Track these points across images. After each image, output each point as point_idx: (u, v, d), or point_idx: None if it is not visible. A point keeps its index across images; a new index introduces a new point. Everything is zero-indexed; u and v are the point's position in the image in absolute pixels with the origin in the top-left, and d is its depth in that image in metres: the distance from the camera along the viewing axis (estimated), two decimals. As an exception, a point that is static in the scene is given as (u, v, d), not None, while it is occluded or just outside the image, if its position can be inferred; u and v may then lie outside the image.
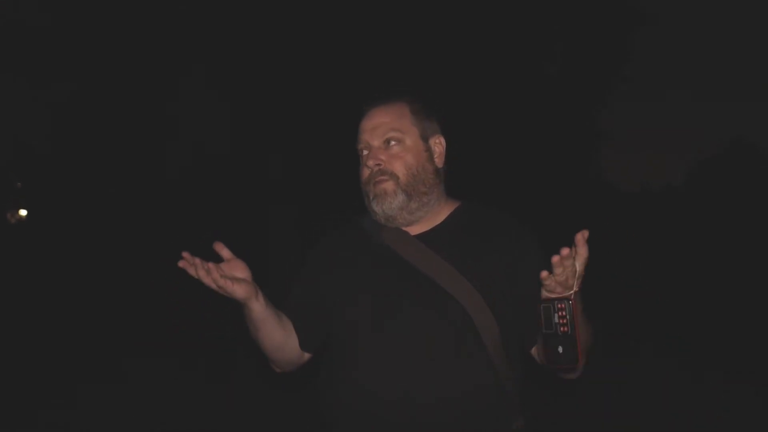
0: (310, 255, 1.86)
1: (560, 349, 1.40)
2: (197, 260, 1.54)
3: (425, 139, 1.76)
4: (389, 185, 1.70)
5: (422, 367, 1.56)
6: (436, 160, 1.77)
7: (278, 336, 1.72)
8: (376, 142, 1.72)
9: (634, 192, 27.75)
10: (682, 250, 18.95)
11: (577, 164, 15.03)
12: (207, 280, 1.54)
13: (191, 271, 1.54)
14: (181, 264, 1.53)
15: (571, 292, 1.41)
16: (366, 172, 1.74)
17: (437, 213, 1.75)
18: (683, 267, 15.85)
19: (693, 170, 29.76)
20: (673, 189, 29.34)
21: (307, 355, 1.82)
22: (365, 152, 1.75)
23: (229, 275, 1.57)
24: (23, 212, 16.64)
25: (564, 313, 1.39)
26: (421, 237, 1.72)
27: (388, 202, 1.69)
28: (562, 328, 1.39)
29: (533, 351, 1.68)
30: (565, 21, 13.91)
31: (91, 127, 12.08)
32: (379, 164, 1.71)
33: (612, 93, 15.47)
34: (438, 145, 1.79)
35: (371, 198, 1.72)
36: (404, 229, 1.73)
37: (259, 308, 1.63)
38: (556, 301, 1.40)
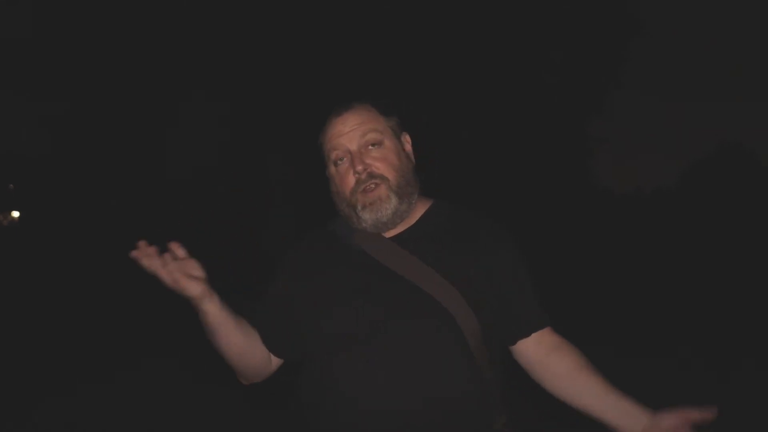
0: (282, 263, 1.76)
1: None
2: (152, 250, 1.48)
3: (398, 137, 1.70)
4: (382, 191, 1.61)
5: (407, 371, 1.50)
6: (411, 157, 1.72)
7: (238, 341, 1.64)
8: (356, 146, 1.62)
9: (628, 194, 27.82)
10: (675, 251, 19.00)
11: (571, 168, 15.07)
12: (162, 273, 1.48)
13: (145, 263, 1.47)
14: (133, 254, 1.47)
15: None
16: (351, 180, 1.63)
17: (411, 213, 1.68)
18: (676, 268, 15.89)
19: (685, 172, 29.87)
20: (666, 191, 29.42)
21: (274, 365, 1.75)
22: (342, 159, 1.64)
23: (184, 272, 1.50)
24: (16, 214, 16.56)
25: None
26: (395, 239, 1.65)
27: (383, 210, 1.61)
28: None
29: (516, 349, 1.65)
30: (562, 30, 13.95)
31: (84, 129, 12.06)
32: (367, 168, 1.61)
33: (607, 99, 15.53)
34: (407, 143, 1.73)
35: (361, 207, 1.61)
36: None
37: (214, 310, 1.56)
38: None
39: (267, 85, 10.98)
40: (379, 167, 1.62)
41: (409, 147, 1.73)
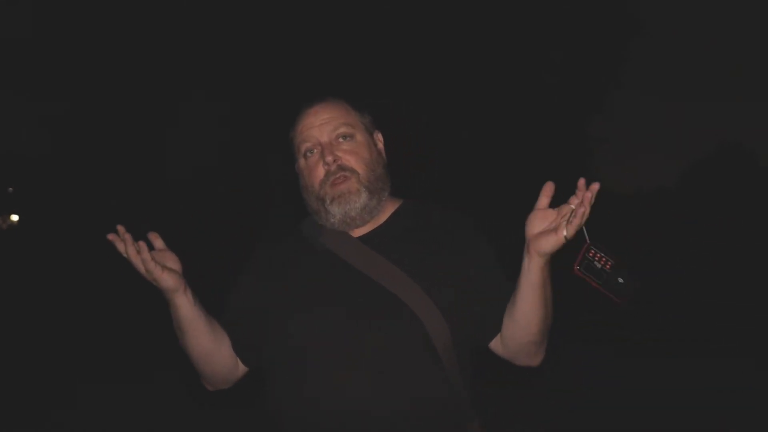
0: (247, 264, 1.72)
1: (620, 280, 1.41)
2: (128, 236, 1.46)
3: (370, 134, 1.67)
4: (352, 184, 1.58)
5: (375, 377, 1.47)
6: (383, 155, 1.69)
7: (207, 341, 1.60)
8: (327, 138, 1.60)
9: (628, 195, 27.79)
10: (675, 251, 18.99)
11: (571, 168, 15.06)
12: (135, 260, 1.45)
13: (120, 247, 1.46)
14: (110, 237, 1.46)
15: (586, 240, 1.41)
16: (320, 172, 1.59)
17: (380, 213, 1.64)
18: (676, 268, 15.88)
19: (685, 172, 29.87)
20: (666, 191, 29.43)
21: (240, 371, 1.70)
22: (312, 151, 1.61)
23: (159, 262, 1.49)
24: (15, 217, 16.54)
25: (599, 254, 1.41)
26: (363, 239, 1.61)
27: (352, 203, 1.57)
28: (607, 266, 1.41)
29: (492, 345, 1.61)
30: (562, 30, 13.94)
31: (84, 129, 12.05)
32: (336, 160, 1.58)
33: (607, 99, 15.51)
34: (379, 141, 1.70)
35: (329, 201, 1.58)
36: (346, 230, 1.62)
37: (186, 305, 1.53)
38: (585, 253, 1.41)
39: (267, 85, 10.98)
40: (350, 160, 1.59)
41: (381, 146, 1.70)
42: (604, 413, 5.07)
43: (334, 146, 1.60)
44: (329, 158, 1.58)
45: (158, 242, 1.54)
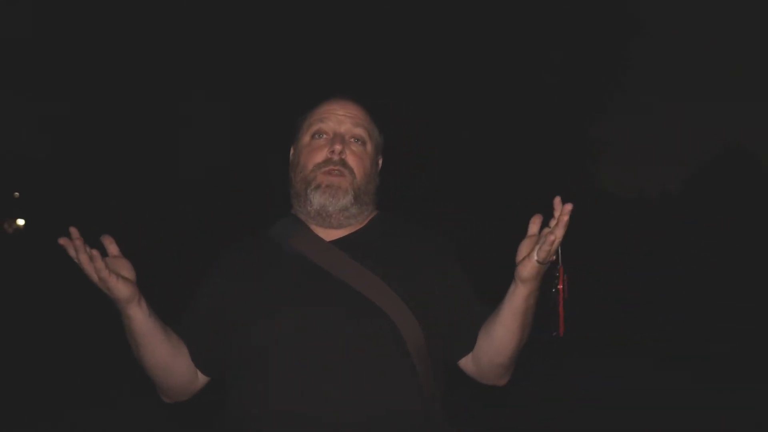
0: (212, 267, 1.68)
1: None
2: (80, 241, 1.38)
3: (377, 152, 1.69)
4: (344, 181, 1.57)
5: (346, 385, 1.43)
6: (377, 177, 1.69)
7: (163, 353, 1.54)
8: (344, 130, 1.61)
9: (632, 199, 27.74)
10: (679, 256, 18.98)
11: (573, 170, 15.02)
12: (87, 268, 1.38)
13: (71, 253, 1.38)
14: (61, 241, 1.39)
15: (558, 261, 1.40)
16: (320, 155, 1.59)
17: (356, 223, 1.64)
18: (680, 273, 15.87)
19: (689, 177, 29.81)
20: (669, 195, 29.42)
21: (200, 382, 1.65)
22: (322, 135, 1.61)
23: (113, 270, 1.42)
24: (21, 222, 16.53)
25: (566, 278, 1.42)
26: (337, 243, 1.59)
27: (337, 197, 1.57)
28: (558, 286, 1.41)
29: (462, 362, 1.60)
30: (563, 31, 13.94)
31: (89, 135, 12.06)
32: (343, 153, 1.58)
33: (609, 102, 15.49)
34: (379, 165, 1.72)
35: (314, 186, 1.58)
36: (318, 234, 1.61)
37: (140, 316, 1.47)
38: (564, 275, 1.41)
39: (267, 85, 10.98)
40: (353, 161, 1.60)
41: (378, 168, 1.71)
42: (604, 413, 5.08)
43: (346, 142, 1.60)
44: (338, 146, 1.58)
45: (113, 248, 1.48)
